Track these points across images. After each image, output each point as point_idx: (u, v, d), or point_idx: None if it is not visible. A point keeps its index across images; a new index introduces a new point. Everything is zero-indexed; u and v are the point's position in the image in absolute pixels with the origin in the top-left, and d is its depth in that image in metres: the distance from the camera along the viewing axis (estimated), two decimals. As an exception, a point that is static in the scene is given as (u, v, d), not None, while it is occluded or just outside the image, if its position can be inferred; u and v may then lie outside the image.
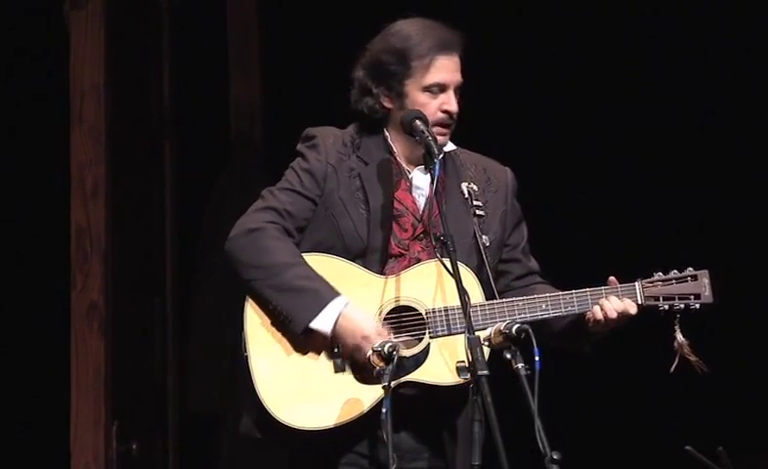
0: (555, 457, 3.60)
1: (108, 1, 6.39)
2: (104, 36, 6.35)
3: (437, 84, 4.18)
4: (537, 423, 3.63)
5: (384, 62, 4.21)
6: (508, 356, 3.77)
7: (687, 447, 4.31)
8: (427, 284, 4.11)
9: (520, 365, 3.73)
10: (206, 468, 7.03)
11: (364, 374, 4.04)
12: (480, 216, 4.18)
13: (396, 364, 3.92)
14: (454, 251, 3.94)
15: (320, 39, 6.63)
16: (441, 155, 4.14)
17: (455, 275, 3.90)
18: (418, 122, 4.12)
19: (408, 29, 4.22)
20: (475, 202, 4.18)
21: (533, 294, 4.20)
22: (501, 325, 3.81)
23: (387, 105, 4.23)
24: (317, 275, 4.09)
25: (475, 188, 4.22)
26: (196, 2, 6.95)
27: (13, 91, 6.63)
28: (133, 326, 6.51)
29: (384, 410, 3.79)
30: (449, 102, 4.18)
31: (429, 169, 4.08)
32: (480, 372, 3.70)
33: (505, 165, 4.39)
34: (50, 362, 6.41)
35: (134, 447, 6.37)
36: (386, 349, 3.89)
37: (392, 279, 4.12)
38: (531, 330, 3.76)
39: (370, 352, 3.95)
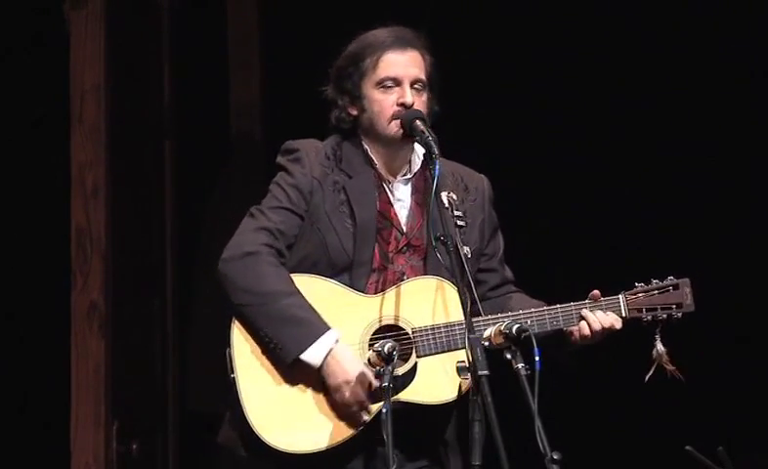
0: (555, 457, 3.60)
1: (108, 1, 6.39)
2: (104, 36, 6.35)
3: (388, 78, 4.19)
4: (537, 423, 3.63)
5: (341, 68, 4.26)
6: (508, 356, 3.77)
7: (687, 448, 4.31)
8: (413, 302, 4.10)
9: (520, 365, 3.73)
10: (206, 468, 7.03)
11: (341, 415, 4.04)
12: (460, 226, 4.16)
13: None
14: (454, 252, 3.94)
15: (319, 39, 6.61)
16: (419, 164, 4.18)
17: (456, 274, 3.90)
18: (418, 122, 4.12)
19: (364, 35, 4.27)
20: (455, 212, 4.17)
21: (508, 304, 4.22)
22: (501, 325, 3.81)
23: (352, 112, 4.25)
24: (310, 306, 4.08)
25: (455, 197, 4.21)
26: (196, 2, 6.95)
27: (13, 91, 6.63)
28: (133, 326, 6.51)
29: (384, 411, 3.79)
30: (404, 94, 4.17)
31: (429, 169, 4.07)
32: (480, 372, 3.70)
33: (481, 172, 4.39)
34: (50, 362, 6.41)
35: (134, 447, 6.37)
36: (386, 349, 3.89)
37: (377, 298, 4.12)
38: (531, 331, 3.76)
39: (370, 352, 3.95)
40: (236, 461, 6.71)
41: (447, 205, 4.15)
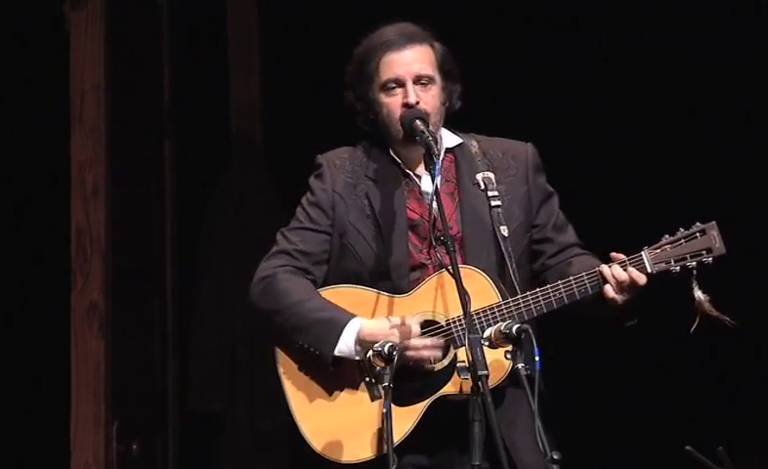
0: (555, 457, 3.59)
1: (108, 1, 6.38)
2: (104, 36, 6.34)
3: (389, 80, 4.19)
4: (537, 423, 3.63)
5: (351, 74, 4.27)
6: (508, 356, 3.77)
7: (687, 448, 4.30)
8: (444, 294, 4.10)
9: (520, 366, 3.72)
10: (206, 468, 7.03)
11: (399, 396, 4.02)
12: (497, 206, 4.16)
13: (425, 381, 4.01)
14: (454, 251, 3.94)
15: (319, 39, 6.63)
16: (442, 155, 4.17)
17: (456, 274, 3.89)
18: (418, 122, 4.12)
19: (368, 37, 4.27)
20: (490, 193, 4.17)
21: (568, 270, 4.15)
22: (502, 325, 3.81)
23: (371, 116, 4.25)
24: (330, 304, 4.13)
25: (491, 176, 4.20)
26: (196, 2, 6.95)
27: (13, 91, 6.63)
28: (133, 326, 6.51)
29: (384, 410, 3.79)
30: (407, 94, 4.16)
31: (429, 169, 4.07)
32: (480, 372, 3.69)
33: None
34: (50, 362, 6.41)
35: (134, 447, 6.37)
36: (386, 349, 3.89)
37: (410, 296, 4.13)
38: (530, 330, 3.76)
39: (371, 353, 3.95)
40: (247, 454, 6.78)
41: (482, 187, 4.16)
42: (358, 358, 4.08)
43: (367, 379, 4.10)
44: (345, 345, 4.07)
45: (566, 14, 6.39)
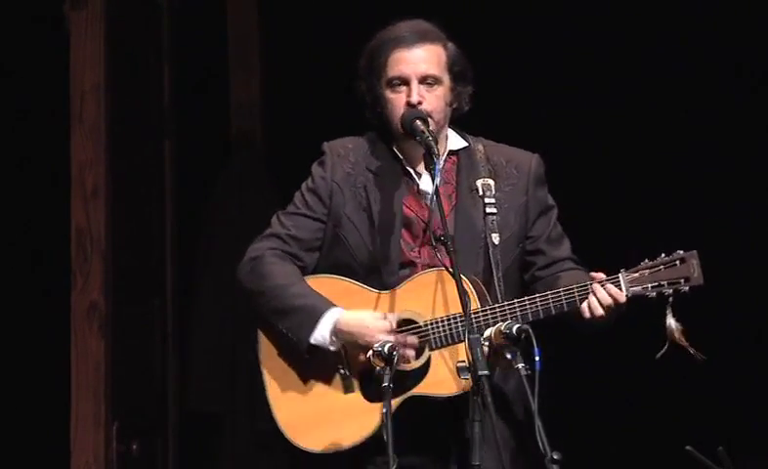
0: (555, 457, 3.60)
1: (108, 1, 6.38)
2: (104, 36, 6.35)
3: (395, 77, 4.17)
4: (537, 423, 3.63)
5: (362, 67, 4.26)
6: (509, 356, 3.77)
7: (687, 448, 4.30)
8: (426, 294, 4.09)
9: (520, 366, 3.72)
10: (206, 468, 7.03)
11: (372, 390, 4.04)
12: (492, 214, 4.16)
13: (396, 379, 3.95)
14: (455, 252, 3.94)
15: (319, 39, 6.63)
16: (445, 154, 4.17)
17: (456, 275, 3.89)
18: (418, 122, 4.11)
19: (382, 31, 4.26)
20: (487, 200, 4.17)
21: (555, 284, 4.14)
22: (502, 325, 3.81)
23: (378, 109, 4.25)
24: (312, 291, 4.12)
25: (491, 183, 4.20)
26: (196, 2, 6.95)
27: (13, 91, 6.63)
28: (133, 326, 6.51)
29: (384, 411, 3.79)
30: (411, 94, 4.15)
31: (429, 170, 4.07)
32: (480, 372, 3.69)
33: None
34: (50, 362, 6.41)
35: (134, 447, 6.37)
36: (386, 349, 3.89)
37: (391, 293, 4.12)
38: (531, 330, 3.75)
39: (371, 353, 3.95)
40: (248, 454, 6.78)
41: (480, 193, 4.16)
42: (332, 348, 4.08)
43: (342, 371, 4.10)
44: (320, 334, 4.07)
45: (566, 14, 6.40)
